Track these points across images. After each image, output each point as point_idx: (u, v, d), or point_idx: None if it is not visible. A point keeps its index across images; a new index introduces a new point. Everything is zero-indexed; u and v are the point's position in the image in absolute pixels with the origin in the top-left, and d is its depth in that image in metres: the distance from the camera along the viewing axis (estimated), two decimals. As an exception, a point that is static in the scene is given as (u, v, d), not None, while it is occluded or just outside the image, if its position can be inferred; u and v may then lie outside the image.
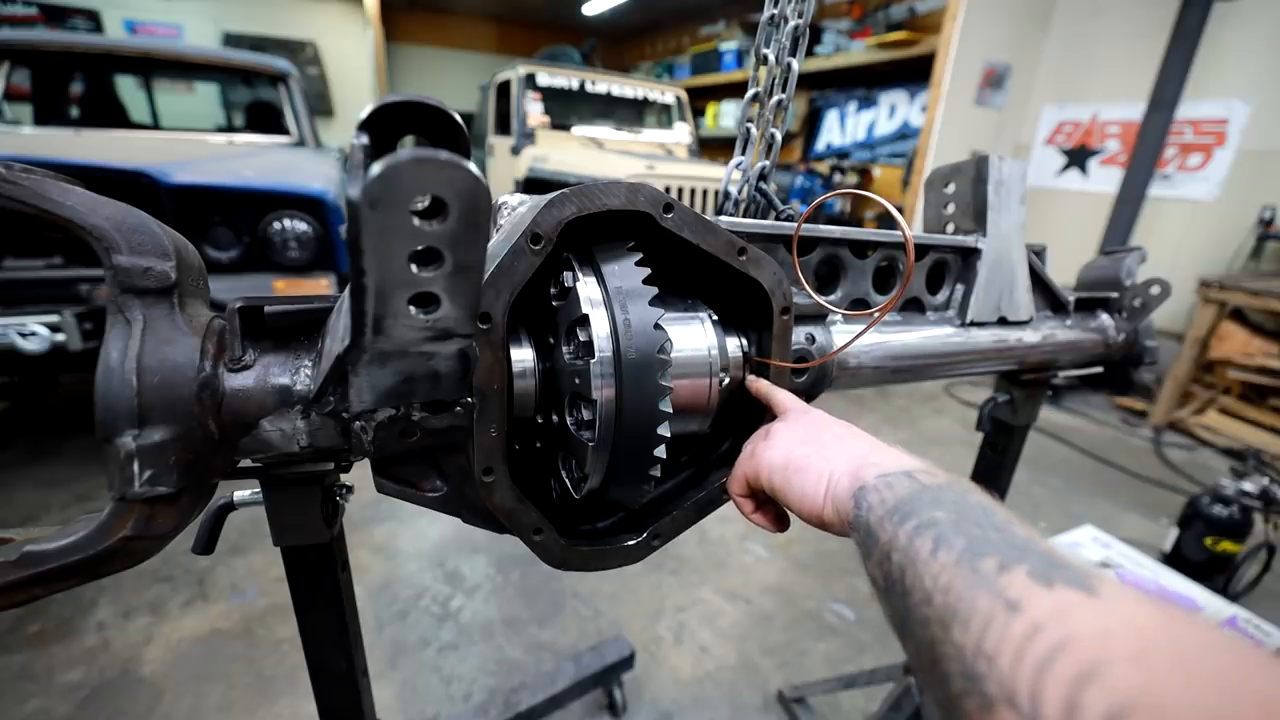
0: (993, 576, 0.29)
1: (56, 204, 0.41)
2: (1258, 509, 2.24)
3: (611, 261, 0.51)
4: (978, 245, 0.83)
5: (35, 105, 3.35)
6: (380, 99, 0.37)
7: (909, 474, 0.41)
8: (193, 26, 6.72)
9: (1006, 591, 0.28)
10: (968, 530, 0.33)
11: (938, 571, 0.31)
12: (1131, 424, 3.70)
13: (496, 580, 2.10)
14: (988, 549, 0.31)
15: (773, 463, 0.51)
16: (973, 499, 0.37)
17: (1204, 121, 3.83)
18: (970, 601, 0.29)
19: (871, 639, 1.94)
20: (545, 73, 4.95)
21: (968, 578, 0.30)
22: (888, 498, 0.39)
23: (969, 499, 0.37)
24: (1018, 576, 0.28)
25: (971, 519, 0.34)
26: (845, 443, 0.49)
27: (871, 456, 0.45)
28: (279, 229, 2.36)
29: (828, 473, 0.46)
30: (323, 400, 0.46)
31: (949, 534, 0.33)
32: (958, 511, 0.35)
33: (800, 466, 0.48)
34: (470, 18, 8.97)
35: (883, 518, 0.38)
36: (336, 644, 0.66)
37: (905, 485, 0.39)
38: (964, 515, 0.34)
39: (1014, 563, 0.29)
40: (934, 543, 0.33)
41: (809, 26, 0.75)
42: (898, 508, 0.38)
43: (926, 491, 0.38)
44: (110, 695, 1.59)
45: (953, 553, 0.32)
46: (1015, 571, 0.29)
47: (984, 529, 0.33)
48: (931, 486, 0.38)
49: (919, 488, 0.39)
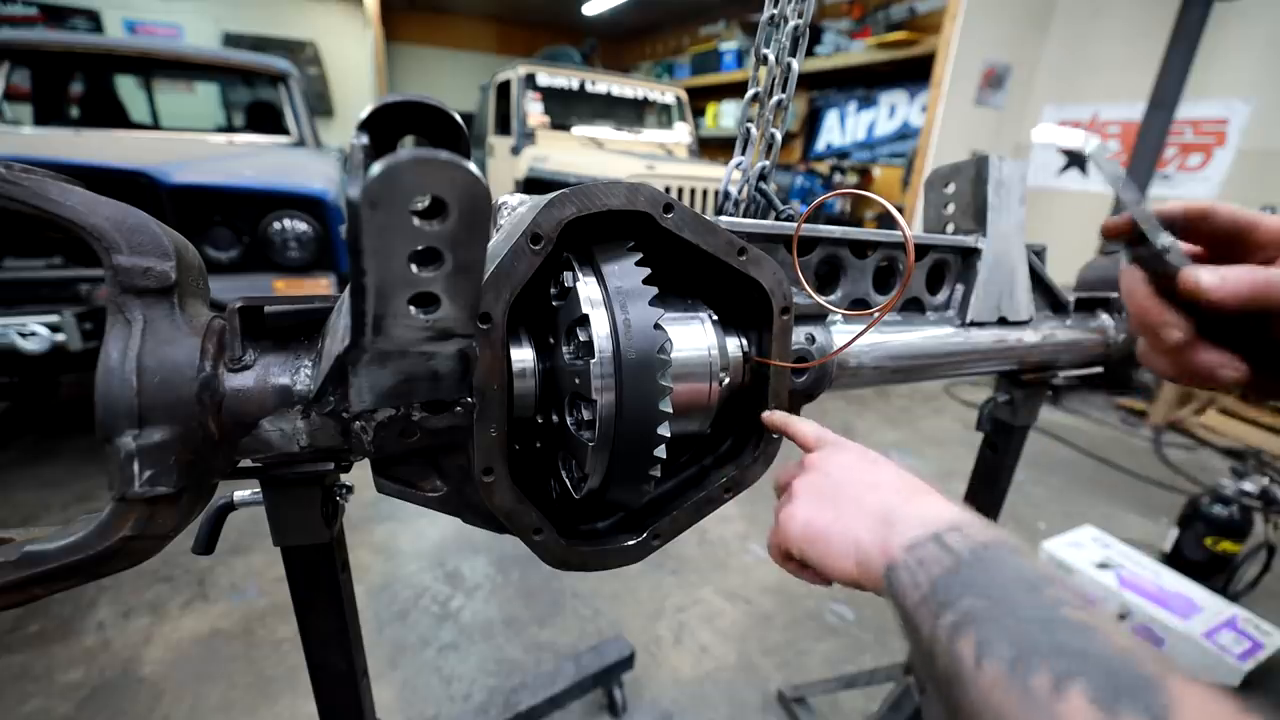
0: (1047, 700, 0.26)
1: (56, 204, 0.40)
2: (1258, 509, 2.24)
3: (611, 261, 0.51)
4: (978, 245, 0.83)
5: (35, 105, 3.35)
6: (380, 99, 0.37)
7: (939, 540, 0.37)
8: (193, 26, 6.72)
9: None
10: (1012, 628, 0.30)
11: (987, 690, 0.29)
12: (1131, 424, 3.70)
13: (496, 580, 2.10)
14: (1037, 657, 0.28)
15: (796, 536, 0.48)
16: (1011, 571, 0.33)
17: (1204, 121, 3.83)
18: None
19: (871, 639, 1.94)
20: (545, 73, 4.96)
21: (1019, 704, 0.27)
22: (920, 579, 0.36)
23: (1007, 572, 0.33)
24: (1076, 701, 0.26)
25: (1013, 606, 0.31)
26: (865, 500, 0.45)
27: (896, 517, 0.41)
28: (279, 229, 2.36)
29: (853, 545, 0.43)
30: (323, 400, 0.46)
31: (992, 637, 0.30)
32: (998, 596, 0.32)
33: (822, 539, 0.45)
34: (470, 18, 8.97)
35: (918, 605, 0.35)
36: (336, 644, 0.65)
37: (936, 560, 0.36)
38: (1005, 602, 0.31)
39: (1069, 678, 0.26)
40: (977, 649, 0.30)
41: (809, 26, 0.75)
42: (932, 593, 0.34)
43: (963, 569, 0.34)
44: (110, 695, 1.59)
45: (1000, 663, 0.29)
46: (1072, 694, 0.26)
47: (1028, 623, 0.30)
48: (967, 559, 0.35)
49: (951, 563, 0.35)
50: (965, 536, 0.36)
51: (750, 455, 0.63)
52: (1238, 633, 1.75)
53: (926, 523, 0.39)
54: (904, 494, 0.44)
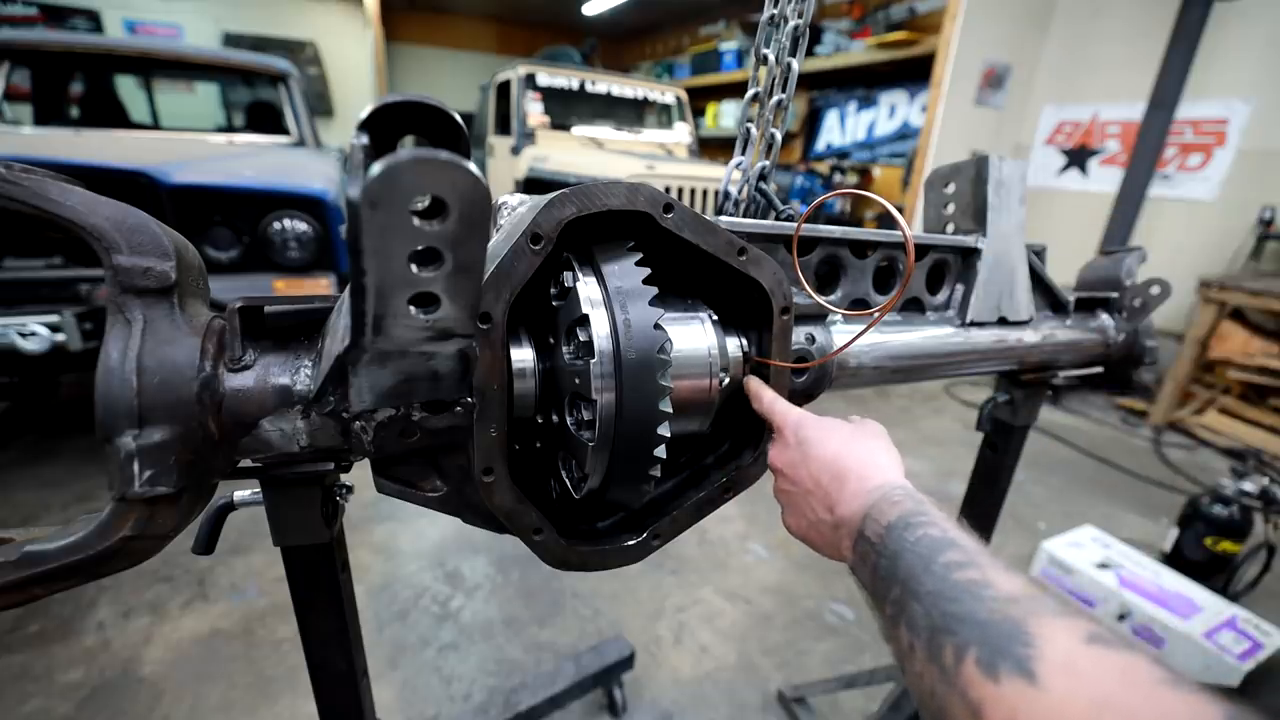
0: (953, 673, 0.32)
1: (56, 204, 0.41)
2: (1258, 509, 2.24)
3: (611, 261, 0.51)
4: (978, 245, 0.83)
5: (35, 105, 3.35)
6: (380, 99, 0.37)
7: (863, 535, 0.44)
8: (193, 26, 6.72)
9: (968, 693, 0.30)
10: (918, 611, 0.35)
11: (920, 671, 0.34)
12: (1131, 424, 3.70)
13: (496, 580, 2.10)
14: (942, 636, 0.33)
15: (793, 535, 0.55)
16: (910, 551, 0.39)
17: (1204, 121, 3.83)
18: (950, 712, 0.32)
19: (871, 639, 1.94)
20: (545, 73, 4.95)
21: (939, 679, 0.32)
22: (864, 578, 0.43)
23: (907, 554, 0.39)
24: (971, 670, 0.31)
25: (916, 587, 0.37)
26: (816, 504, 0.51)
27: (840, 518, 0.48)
28: (279, 229, 2.36)
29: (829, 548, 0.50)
30: (323, 400, 0.46)
31: (911, 622, 0.36)
32: (904, 580, 0.38)
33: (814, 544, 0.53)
34: (470, 18, 8.97)
35: (870, 600, 0.42)
36: (336, 644, 0.65)
37: (864, 558, 0.43)
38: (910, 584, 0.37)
39: (964, 649, 0.31)
40: (907, 636, 0.36)
41: (809, 26, 0.75)
42: (874, 589, 0.41)
43: (882, 561, 0.40)
44: (110, 695, 1.59)
45: (921, 645, 0.34)
46: (967, 663, 0.31)
47: (929, 601, 0.35)
48: (882, 551, 0.41)
49: (875, 558, 0.41)
50: (876, 523, 0.43)
51: (750, 455, 0.63)
52: (1238, 633, 1.75)
53: (854, 517, 0.46)
54: (837, 488, 0.50)
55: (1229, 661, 1.66)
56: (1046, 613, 0.31)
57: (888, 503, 0.43)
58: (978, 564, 0.35)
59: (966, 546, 0.37)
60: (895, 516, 0.41)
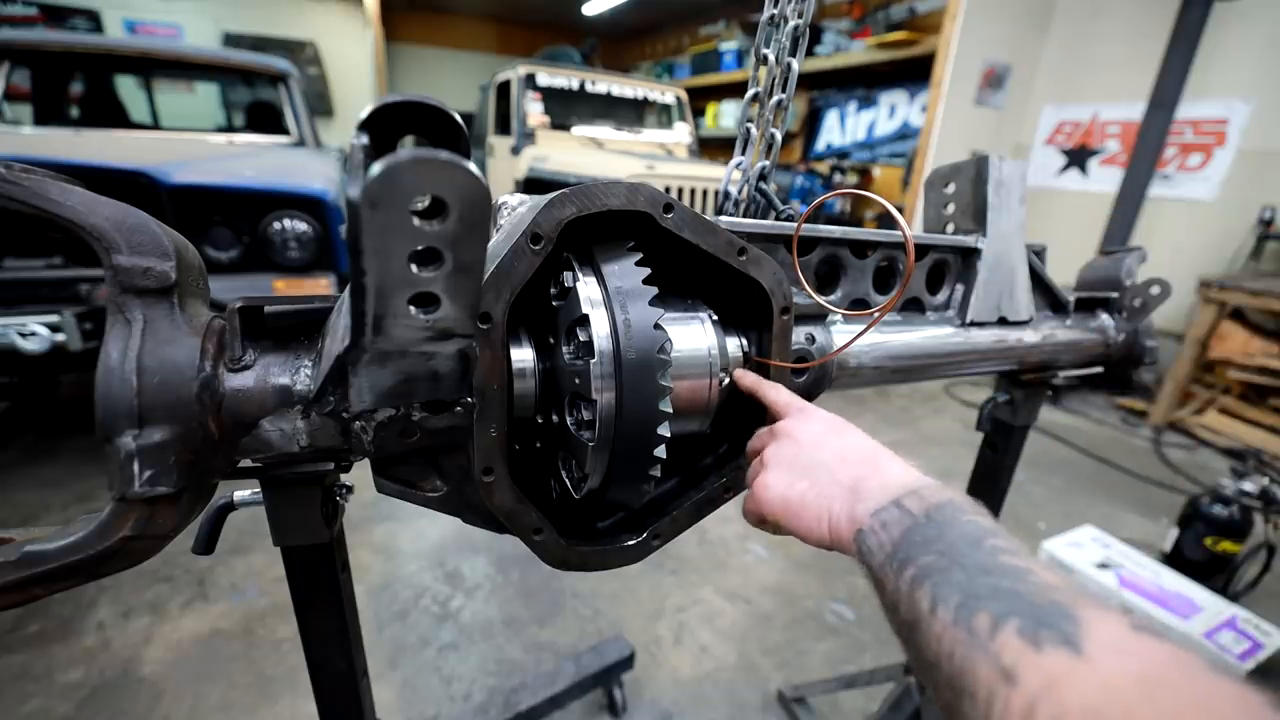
0: (986, 638, 0.31)
1: (56, 204, 0.40)
2: (1258, 509, 2.24)
3: (611, 261, 0.51)
4: (978, 245, 0.83)
5: (35, 105, 3.35)
6: (380, 99, 0.37)
7: (899, 504, 0.42)
8: (193, 26, 6.72)
9: (1001, 658, 0.29)
10: (958, 577, 0.34)
11: (940, 633, 0.33)
12: (1131, 424, 3.70)
13: (496, 580, 2.10)
14: (979, 602, 0.32)
15: (771, 503, 0.51)
16: (958, 528, 0.38)
17: (1204, 121, 3.83)
18: (973, 673, 0.30)
19: (871, 639, 1.94)
20: (545, 73, 4.95)
21: (966, 642, 0.31)
22: (884, 540, 0.40)
23: (955, 530, 0.38)
24: (1009, 637, 0.30)
25: (960, 558, 0.35)
26: (836, 471, 0.49)
27: (863, 487, 0.46)
28: (279, 229, 2.36)
29: (825, 513, 0.47)
30: (323, 400, 0.46)
31: (942, 586, 0.35)
32: (947, 550, 0.36)
33: (797, 508, 0.49)
34: (470, 18, 8.97)
35: (883, 564, 0.40)
36: (336, 644, 0.65)
37: (897, 523, 0.41)
38: (952, 554, 0.36)
39: (1004, 618, 0.31)
40: (931, 598, 0.35)
41: (809, 26, 0.75)
42: (894, 552, 0.39)
43: (916, 528, 0.39)
44: (110, 695, 1.59)
45: (949, 609, 0.33)
46: (1006, 630, 0.30)
47: (972, 571, 0.34)
48: (920, 520, 0.39)
49: (910, 524, 0.40)
50: (922, 500, 0.41)
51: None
52: (1238, 633, 1.75)
53: (889, 490, 0.44)
54: (870, 463, 0.48)
55: (1229, 661, 1.66)
56: (1091, 603, 0.31)
57: (936, 488, 0.43)
58: (1024, 555, 0.35)
59: (1014, 542, 0.37)
60: (945, 499, 0.41)
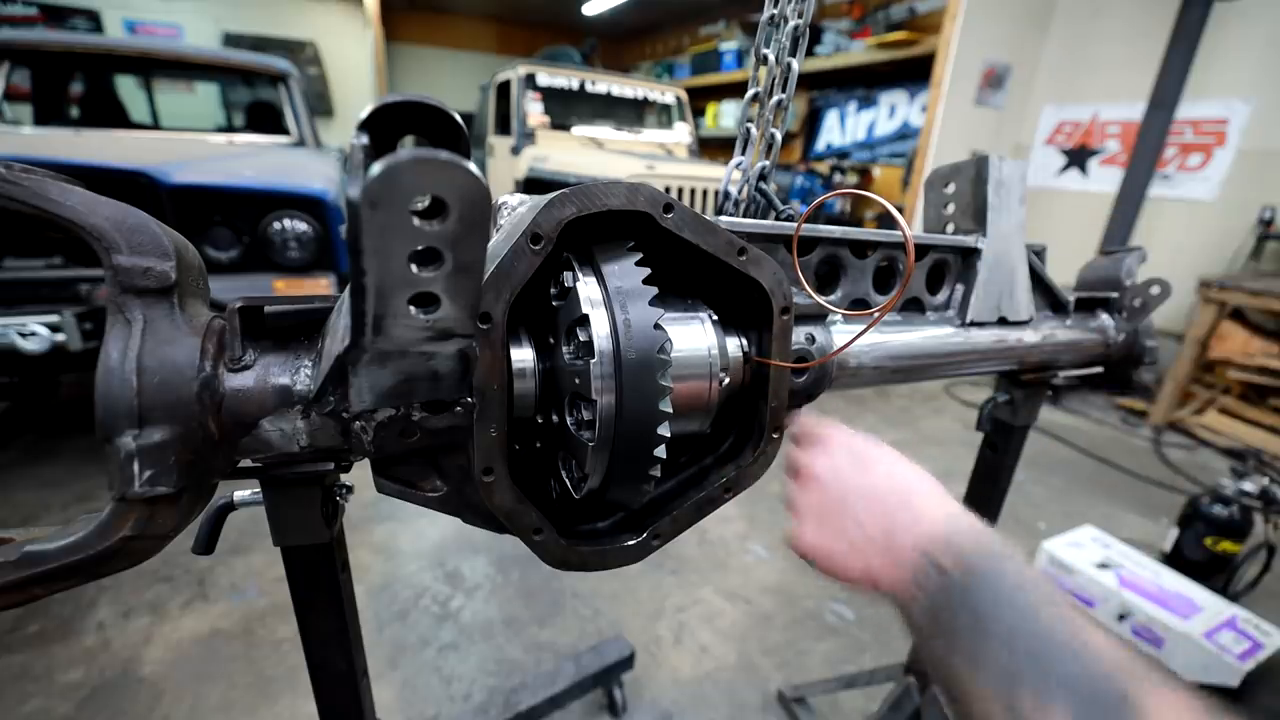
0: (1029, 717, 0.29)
1: (56, 204, 0.40)
2: (1258, 509, 2.24)
3: (611, 261, 0.51)
4: (978, 245, 0.83)
5: (35, 105, 3.35)
6: (380, 99, 0.37)
7: (933, 560, 0.40)
8: (193, 26, 6.72)
9: None
10: (997, 648, 0.32)
11: (981, 703, 0.32)
12: (1131, 424, 3.70)
13: (496, 580, 2.10)
14: (1023, 678, 0.30)
15: (810, 555, 0.52)
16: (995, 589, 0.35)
17: (1204, 121, 3.83)
18: None
19: (871, 639, 1.94)
20: (545, 73, 4.95)
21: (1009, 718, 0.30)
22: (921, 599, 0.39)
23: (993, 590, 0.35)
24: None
25: (1000, 624, 0.33)
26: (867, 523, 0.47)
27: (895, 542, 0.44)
28: (279, 229, 2.36)
29: (863, 571, 0.46)
30: (323, 400, 0.46)
31: (982, 653, 0.33)
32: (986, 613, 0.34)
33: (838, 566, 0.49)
34: (470, 18, 8.97)
35: (921, 625, 0.39)
36: (336, 644, 0.65)
37: (933, 581, 0.39)
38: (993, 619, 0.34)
39: (1051, 698, 0.29)
40: (971, 663, 0.33)
41: (809, 26, 0.75)
42: (932, 612, 0.38)
43: (955, 590, 0.37)
44: (110, 695, 1.59)
45: (990, 677, 0.32)
46: (1053, 712, 0.28)
47: (1013, 639, 0.32)
48: (957, 581, 0.37)
49: (945, 583, 0.38)
50: (955, 554, 0.39)
51: (750, 455, 0.63)
52: (1238, 633, 1.75)
53: (920, 542, 0.42)
54: (900, 508, 0.46)
55: (1229, 661, 1.66)
56: (1155, 682, 0.28)
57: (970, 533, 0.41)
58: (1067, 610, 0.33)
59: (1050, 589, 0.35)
60: (980, 546, 0.39)
